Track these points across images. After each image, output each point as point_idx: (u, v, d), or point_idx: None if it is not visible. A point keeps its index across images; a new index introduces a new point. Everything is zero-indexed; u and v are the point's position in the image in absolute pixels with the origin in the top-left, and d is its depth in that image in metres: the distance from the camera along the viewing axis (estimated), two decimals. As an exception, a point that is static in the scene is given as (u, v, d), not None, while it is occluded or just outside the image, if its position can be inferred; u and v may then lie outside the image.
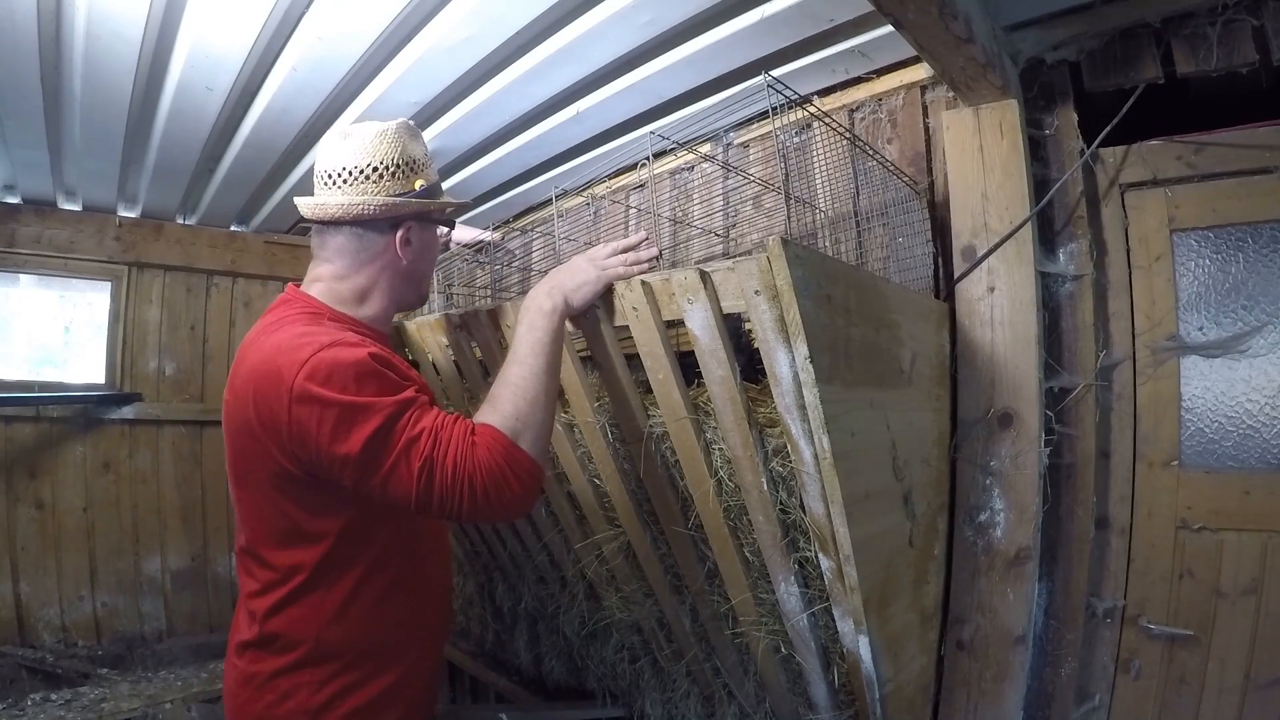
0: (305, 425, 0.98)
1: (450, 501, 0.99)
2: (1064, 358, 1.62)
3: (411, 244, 1.22)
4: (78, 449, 3.25)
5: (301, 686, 1.11)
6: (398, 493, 0.99)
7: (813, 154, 1.87)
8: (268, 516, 1.11)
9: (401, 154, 1.21)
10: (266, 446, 1.04)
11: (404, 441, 0.98)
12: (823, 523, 1.14)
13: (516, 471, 1.01)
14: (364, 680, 1.14)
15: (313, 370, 0.99)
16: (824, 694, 1.36)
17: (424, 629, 1.26)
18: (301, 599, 1.12)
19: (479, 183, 2.76)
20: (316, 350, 1.01)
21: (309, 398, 0.98)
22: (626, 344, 1.29)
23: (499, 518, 1.07)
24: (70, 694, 2.85)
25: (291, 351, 1.02)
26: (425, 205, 1.22)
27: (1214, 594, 1.49)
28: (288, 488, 1.07)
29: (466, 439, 1.00)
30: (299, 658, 1.12)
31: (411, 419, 1.00)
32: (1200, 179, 1.54)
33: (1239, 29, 1.45)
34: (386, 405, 0.99)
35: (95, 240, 3.29)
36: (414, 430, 0.99)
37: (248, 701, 1.14)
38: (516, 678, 2.29)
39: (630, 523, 1.50)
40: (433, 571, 1.29)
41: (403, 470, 0.98)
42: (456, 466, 0.98)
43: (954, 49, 1.36)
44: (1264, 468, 1.46)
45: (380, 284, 1.23)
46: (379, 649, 1.17)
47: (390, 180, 1.19)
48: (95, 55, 1.93)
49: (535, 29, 1.83)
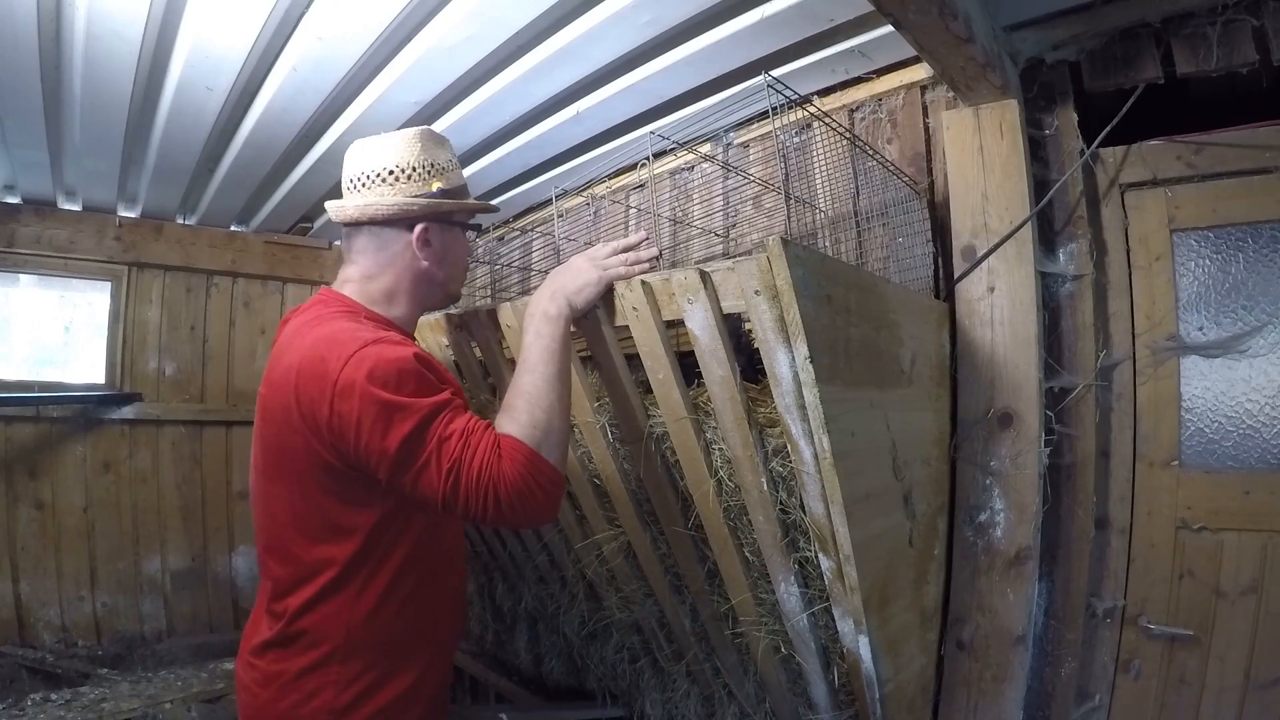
0: (346, 418, 1.01)
1: (474, 507, 1.01)
2: (1064, 358, 1.62)
3: (431, 245, 1.23)
4: (78, 449, 3.25)
5: (328, 685, 1.12)
6: (427, 491, 1.01)
7: (813, 154, 1.87)
8: (301, 510, 1.12)
9: (420, 157, 1.23)
10: (307, 438, 1.06)
11: (435, 442, 1.01)
12: (823, 523, 1.14)
13: (540, 481, 1.03)
14: (386, 679, 1.15)
15: (358, 364, 1.01)
16: (824, 694, 1.36)
17: (443, 631, 1.26)
18: (331, 595, 1.12)
19: (479, 183, 2.76)
20: (362, 346, 1.03)
21: (353, 392, 1.00)
22: (626, 344, 1.29)
23: (524, 525, 1.08)
24: (70, 694, 2.85)
25: (337, 345, 1.04)
26: (438, 205, 1.23)
27: (1214, 594, 1.49)
28: (325, 479, 1.09)
29: (494, 450, 1.02)
30: (325, 654, 1.12)
31: (444, 420, 1.03)
32: (1200, 179, 1.54)
33: (1239, 29, 1.45)
34: (424, 406, 1.02)
35: (95, 240, 3.28)
36: (446, 432, 1.02)
37: (270, 701, 1.14)
38: (516, 678, 2.29)
39: (630, 523, 1.50)
40: (451, 575, 1.30)
41: (433, 470, 1.00)
42: (481, 474, 1.00)
43: (954, 49, 1.36)
44: (1264, 468, 1.46)
45: (403, 285, 1.25)
46: (402, 648, 1.17)
47: (407, 182, 1.21)
48: (95, 55, 1.93)
49: (535, 29, 1.83)
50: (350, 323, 1.13)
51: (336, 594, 1.12)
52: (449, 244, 1.27)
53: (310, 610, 1.13)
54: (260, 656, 1.16)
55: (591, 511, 1.58)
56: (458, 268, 1.30)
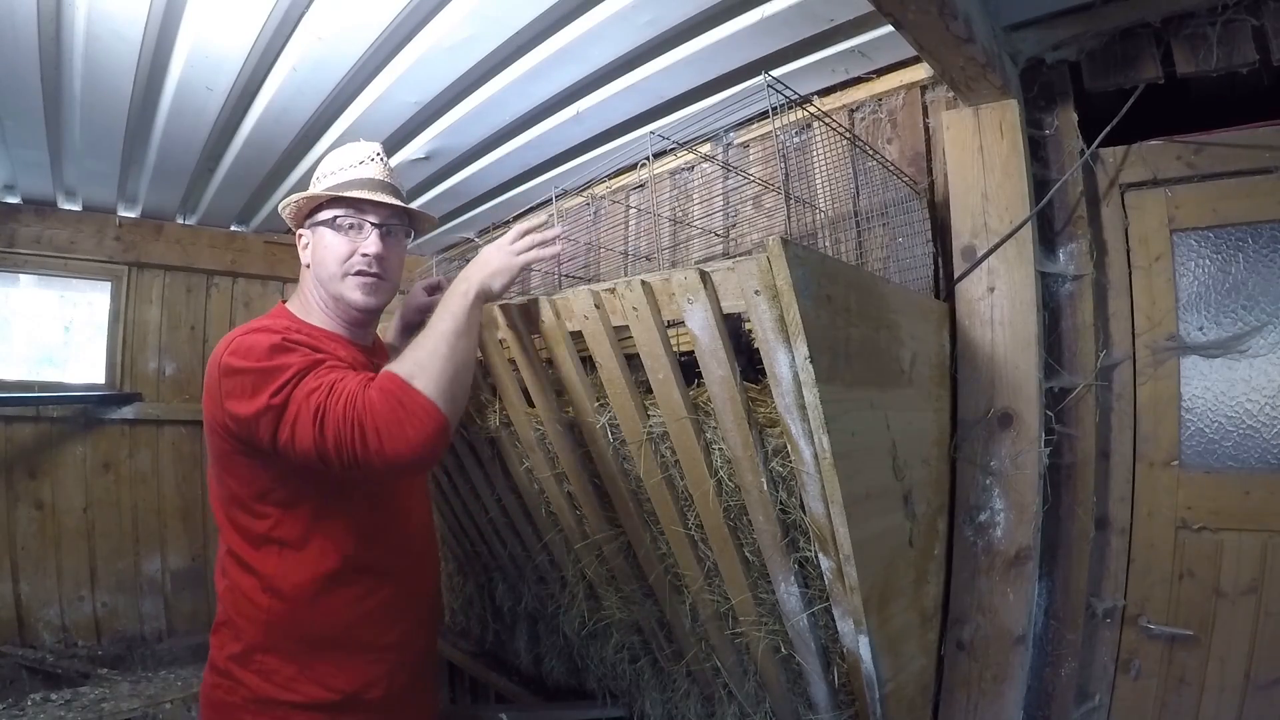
0: (230, 393, 1.09)
1: (345, 446, 1.02)
2: (1064, 358, 1.62)
3: (308, 245, 1.31)
4: (78, 449, 3.25)
5: (244, 681, 1.16)
6: (303, 443, 1.04)
7: (813, 154, 1.87)
8: (219, 498, 1.20)
9: (317, 170, 1.32)
10: (214, 428, 1.15)
11: (304, 393, 1.05)
12: (823, 523, 1.14)
13: (410, 409, 1.04)
14: (310, 676, 1.17)
15: (235, 349, 1.11)
16: (824, 694, 1.36)
17: (395, 634, 1.26)
18: (240, 586, 1.18)
19: (479, 183, 2.76)
20: (238, 335, 1.14)
21: (232, 370, 1.10)
22: (626, 344, 1.29)
23: (399, 461, 1.04)
24: (70, 694, 2.85)
25: (222, 344, 1.15)
26: (296, 204, 1.28)
27: (1214, 594, 1.49)
28: (232, 466, 1.16)
29: (363, 385, 1.05)
30: (243, 648, 1.17)
31: (314, 374, 1.07)
32: (1200, 179, 1.54)
33: (1239, 29, 1.45)
34: (294, 364, 1.08)
35: (95, 240, 3.28)
36: (314, 385, 1.06)
37: (210, 687, 1.20)
38: (516, 678, 2.29)
39: (630, 523, 1.50)
40: (412, 579, 1.31)
41: (304, 418, 1.04)
42: (347, 407, 1.03)
43: (954, 49, 1.36)
44: (1264, 468, 1.46)
45: (304, 288, 1.31)
46: (332, 647, 1.19)
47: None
48: (95, 55, 1.93)
49: (535, 29, 1.83)
50: (243, 335, 1.17)
51: (244, 583, 1.17)
52: (315, 243, 1.30)
53: (227, 598, 1.19)
54: (214, 634, 1.23)
55: (591, 511, 1.58)
56: (324, 267, 1.27)
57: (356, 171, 1.29)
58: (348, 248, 1.26)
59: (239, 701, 1.16)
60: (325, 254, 1.27)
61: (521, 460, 1.66)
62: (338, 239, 1.26)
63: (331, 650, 1.19)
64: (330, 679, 1.18)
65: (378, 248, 1.27)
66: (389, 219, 1.30)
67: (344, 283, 1.26)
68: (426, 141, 2.39)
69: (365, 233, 1.27)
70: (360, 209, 1.27)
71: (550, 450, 1.57)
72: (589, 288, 1.29)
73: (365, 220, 1.27)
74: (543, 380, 1.47)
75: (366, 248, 1.25)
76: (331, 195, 1.27)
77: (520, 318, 1.43)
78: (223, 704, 1.17)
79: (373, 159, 1.32)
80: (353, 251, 1.26)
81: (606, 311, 1.28)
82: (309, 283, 1.30)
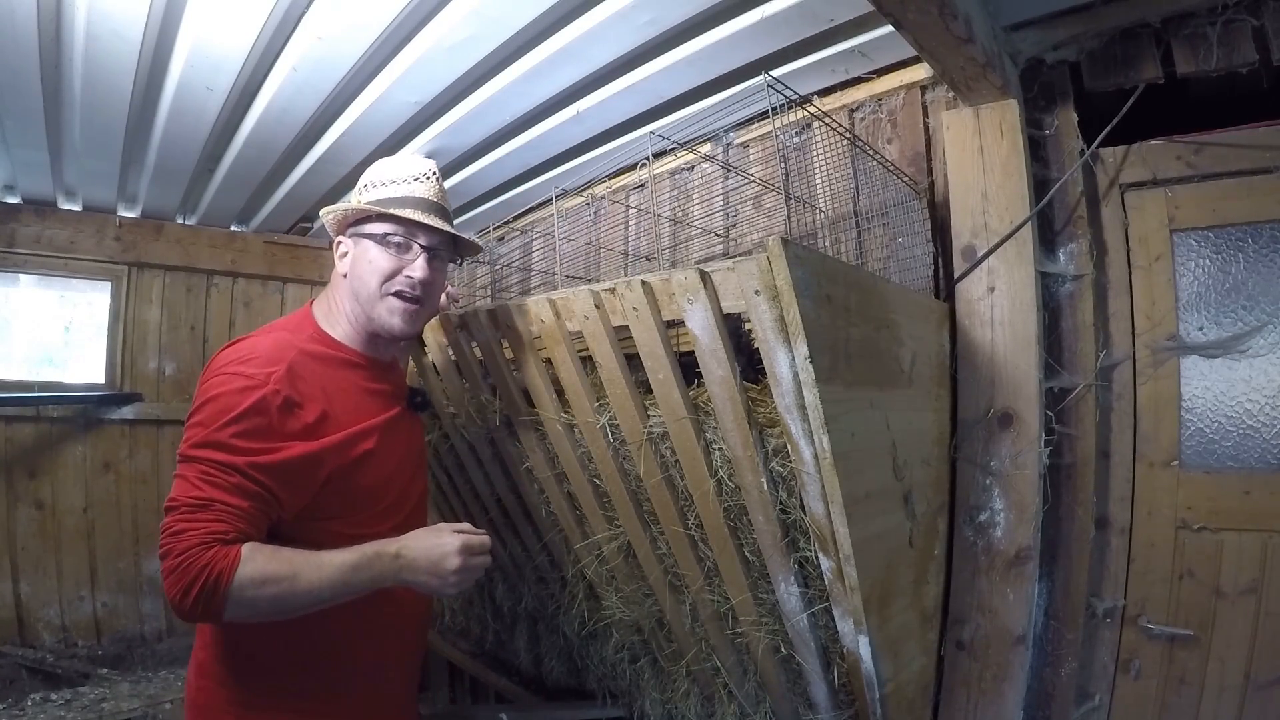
0: (193, 403, 1.13)
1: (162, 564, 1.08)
2: (1064, 358, 1.62)
3: (347, 255, 1.27)
4: (78, 449, 3.25)
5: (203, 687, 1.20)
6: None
7: (813, 154, 1.87)
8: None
9: (366, 175, 1.30)
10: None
11: (180, 492, 1.12)
12: (823, 523, 1.14)
13: (202, 600, 1.01)
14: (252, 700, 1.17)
15: (231, 357, 1.13)
16: (824, 694, 1.36)
17: (358, 668, 1.24)
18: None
19: (479, 183, 2.76)
20: (248, 340, 1.17)
21: (203, 387, 1.12)
22: (626, 344, 1.29)
23: (173, 606, 1.07)
24: (70, 694, 2.85)
25: (229, 346, 1.18)
26: (342, 213, 1.27)
27: (1214, 594, 1.49)
28: None
29: (199, 547, 1.06)
30: (205, 658, 1.20)
31: (197, 487, 1.11)
32: (1200, 179, 1.54)
33: (1239, 29, 1.45)
34: (226, 447, 1.09)
35: (95, 240, 3.29)
36: (183, 502, 1.12)
37: (195, 691, 1.22)
38: (516, 678, 2.29)
39: (630, 523, 1.50)
40: (379, 611, 1.22)
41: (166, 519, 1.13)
42: (168, 558, 1.07)
43: (954, 49, 1.36)
44: (1264, 468, 1.46)
45: (335, 297, 1.28)
46: (273, 685, 1.18)
47: (355, 195, 1.29)
48: (95, 55, 1.93)
49: (535, 29, 1.83)
50: (257, 338, 1.17)
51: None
52: (358, 255, 1.25)
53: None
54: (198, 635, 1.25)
55: (591, 511, 1.58)
56: (363, 282, 1.23)
57: (409, 189, 1.25)
58: (392, 265, 1.22)
59: (221, 703, 1.16)
60: (367, 269, 1.22)
61: (521, 460, 1.67)
62: (383, 255, 1.22)
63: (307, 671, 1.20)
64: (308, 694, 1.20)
65: (424, 272, 1.23)
66: (438, 243, 1.26)
67: (383, 302, 1.22)
68: (426, 141, 2.39)
69: (413, 254, 1.23)
70: (411, 230, 1.24)
71: (550, 450, 1.57)
72: (589, 288, 1.29)
73: (415, 242, 1.24)
74: (543, 380, 1.47)
75: (413, 271, 1.22)
76: (381, 211, 1.23)
77: (518, 318, 1.43)
78: (207, 706, 1.17)
79: (428, 177, 1.28)
80: (397, 270, 1.22)
81: (606, 311, 1.28)
82: (342, 292, 1.26)
